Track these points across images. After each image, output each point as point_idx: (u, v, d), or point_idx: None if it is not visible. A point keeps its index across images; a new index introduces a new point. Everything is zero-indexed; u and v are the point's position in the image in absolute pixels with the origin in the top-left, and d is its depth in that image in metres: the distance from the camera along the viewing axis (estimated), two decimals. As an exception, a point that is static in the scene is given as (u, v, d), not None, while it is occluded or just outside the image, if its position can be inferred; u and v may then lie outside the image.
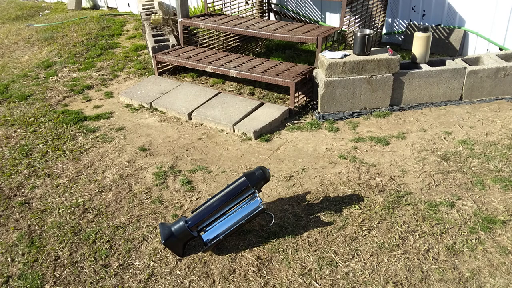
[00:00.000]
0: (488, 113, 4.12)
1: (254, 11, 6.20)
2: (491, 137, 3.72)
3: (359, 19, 4.93)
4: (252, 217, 2.67)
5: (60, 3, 9.93)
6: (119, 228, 2.96)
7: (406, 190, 3.13)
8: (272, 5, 6.44)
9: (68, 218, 3.08)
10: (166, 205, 3.16)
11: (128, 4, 8.52)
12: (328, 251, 2.66)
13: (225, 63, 4.74)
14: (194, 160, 3.69)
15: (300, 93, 4.40)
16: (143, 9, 7.12)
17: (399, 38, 5.73)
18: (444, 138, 3.75)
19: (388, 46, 4.28)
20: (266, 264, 2.61)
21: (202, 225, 2.71)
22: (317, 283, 2.45)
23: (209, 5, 5.61)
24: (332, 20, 6.14)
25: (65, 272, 2.64)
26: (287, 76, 4.31)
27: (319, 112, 4.26)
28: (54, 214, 3.13)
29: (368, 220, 2.88)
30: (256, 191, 2.73)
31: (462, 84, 4.27)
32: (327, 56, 4.11)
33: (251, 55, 5.81)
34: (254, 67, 4.61)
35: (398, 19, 5.66)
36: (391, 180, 3.26)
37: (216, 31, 5.68)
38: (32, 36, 7.27)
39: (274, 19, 6.45)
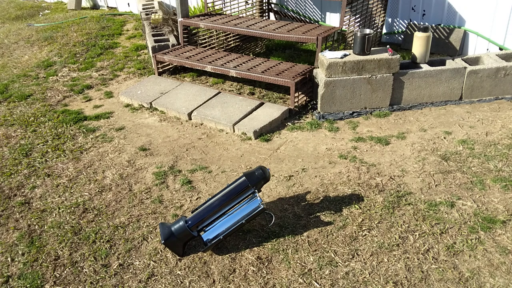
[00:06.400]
0: (488, 113, 4.12)
1: (254, 11, 6.20)
2: (491, 137, 3.72)
3: (359, 19, 4.93)
4: (252, 217, 2.67)
5: (60, 3, 9.93)
6: (119, 228, 2.96)
7: (406, 190, 3.13)
8: (272, 5, 6.44)
9: (68, 218, 3.08)
10: (166, 205, 3.16)
11: (128, 3, 8.52)
12: (328, 251, 2.66)
13: (225, 63, 4.74)
14: (194, 160, 3.69)
15: (300, 93, 4.39)
16: (143, 9, 7.12)
17: (399, 38, 5.73)
18: (444, 138, 3.75)
19: (388, 46, 4.28)
20: (266, 264, 2.61)
21: (202, 225, 2.71)
22: (317, 283, 2.45)
23: (209, 5, 5.61)
24: (332, 19, 6.14)
25: (65, 272, 2.64)
26: (287, 76, 4.31)
27: (319, 112, 4.26)
28: (54, 214, 3.13)
29: (368, 220, 2.88)
30: (256, 191, 2.73)
31: (462, 84, 4.27)
32: (327, 56, 4.11)
33: (251, 55, 5.81)
34: (254, 66, 4.60)
35: (398, 18, 5.66)
36: (391, 180, 3.26)
37: (216, 31, 5.68)
38: (32, 36, 7.27)
39: (274, 19, 6.45)
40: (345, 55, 4.12)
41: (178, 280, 2.54)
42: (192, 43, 5.54)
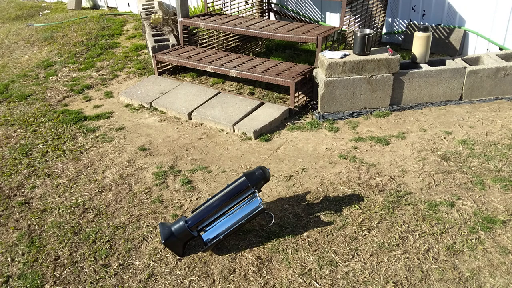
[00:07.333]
0: (488, 113, 4.12)
1: (254, 11, 6.20)
2: (491, 136, 3.72)
3: (359, 19, 4.93)
4: (252, 217, 2.67)
5: (60, 3, 9.93)
6: (119, 228, 2.96)
7: (406, 190, 3.13)
8: (272, 5, 6.44)
9: (68, 218, 3.08)
10: (166, 205, 3.16)
11: (128, 4, 8.52)
12: (328, 251, 2.66)
13: (225, 63, 4.74)
14: (194, 160, 3.69)
15: (300, 93, 4.39)
16: (143, 8, 7.12)
17: (399, 38, 5.73)
18: (444, 138, 3.75)
19: (388, 46, 4.28)
20: (266, 264, 2.61)
21: (202, 225, 2.71)
22: (317, 283, 2.45)
23: (209, 4, 5.61)
24: (332, 19, 6.14)
25: (65, 272, 2.64)
26: (287, 76, 4.31)
27: (319, 112, 4.26)
28: (54, 214, 3.13)
29: (368, 220, 2.88)
30: (256, 191, 2.73)
31: (462, 84, 4.27)
32: (327, 56, 4.11)
33: (251, 55, 5.81)
34: (254, 66, 4.60)
35: (398, 18, 5.66)
36: (391, 180, 3.26)
37: (216, 31, 5.68)
38: (32, 36, 7.27)
39: (274, 19, 6.45)
40: (345, 55, 4.12)
41: (178, 280, 2.54)
42: (192, 43, 5.54)
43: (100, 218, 3.06)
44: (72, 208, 3.18)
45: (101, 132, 4.21)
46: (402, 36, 5.65)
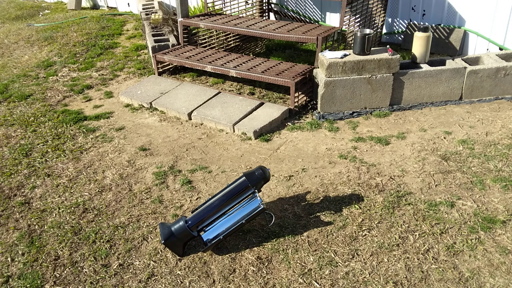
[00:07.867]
0: (488, 113, 4.12)
1: (254, 11, 6.20)
2: (491, 136, 3.72)
3: (359, 19, 4.93)
4: (252, 217, 2.67)
5: (60, 3, 9.93)
6: (119, 228, 2.96)
7: (406, 190, 3.13)
8: (272, 5, 6.44)
9: (68, 218, 3.08)
10: (166, 205, 3.16)
11: (128, 4, 8.52)
12: (328, 251, 2.66)
13: (225, 63, 4.74)
14: (194, 160, 3.69)
15: (300, 93, 4.39)
16: (143, 9, 7.12)
17: (399, 38, 5.73)
18: (444, 138, 3.75)
19: (388, 46, 4.28)
20: (266, 264, 2.61)
21: (202, 225, 2.71)
22: (317, 283, 2.45)
23: (209, 4, 5.61)
24: (332, 19, 6.14)
25: (65, 272, 2.64)
26: (287, 76, 4.31)
27: (319, 112, 4.26)
28: (54, 214, 3.13)
29: (368, 220, 2.88)
30: (256, 191, 2.73)
31: (462, 84, 4.27)
32: (327, 56, 4.11)
33: (251, 55, 5.81)
34: (254, 66, 4.60)
35: (398, 18, 5.66)
36: (391, 180, 3.26)
37: (216, 31, 5.68)
38: (32, 36, 7.27)
39: (274, 19, 6.45)
40: (345, 55, 4.12)
41: (178, 280, 2.54)
42: (192, 43, 5.54)
43: (100, 218, 3.06)
44: (72, 208, 3.18)
45: (101, 132, 4.21)
46: (402, 36, 5.65)
